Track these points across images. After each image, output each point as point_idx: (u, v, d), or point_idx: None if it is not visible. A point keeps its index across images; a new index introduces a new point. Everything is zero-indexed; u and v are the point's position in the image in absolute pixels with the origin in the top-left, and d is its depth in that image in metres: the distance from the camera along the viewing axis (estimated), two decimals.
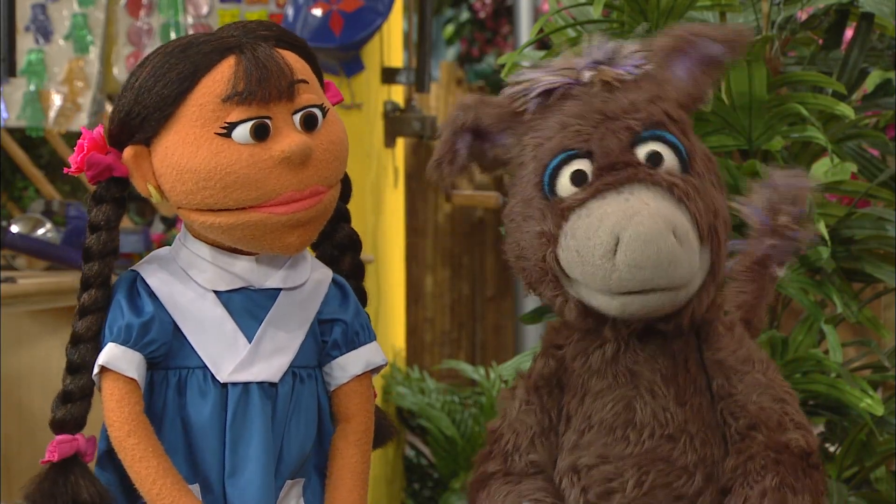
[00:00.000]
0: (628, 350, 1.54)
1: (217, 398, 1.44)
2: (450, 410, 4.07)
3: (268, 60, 1.41)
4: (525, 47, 2.17)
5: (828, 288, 2.03)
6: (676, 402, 1.52)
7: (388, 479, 4.01)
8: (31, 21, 3.79)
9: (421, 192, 6.01)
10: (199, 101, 1.40)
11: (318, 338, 1.51)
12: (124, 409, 1.41)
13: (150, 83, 1.41)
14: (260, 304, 1.47)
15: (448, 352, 6.06)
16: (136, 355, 1.42)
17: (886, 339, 2.31)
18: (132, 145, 1.43)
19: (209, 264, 1.46)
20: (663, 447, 1.51)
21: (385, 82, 3.93)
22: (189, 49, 1.42)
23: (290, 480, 1.49)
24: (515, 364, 2.28)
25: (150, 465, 1.40)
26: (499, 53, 6.47)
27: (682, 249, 1.44)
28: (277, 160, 1.39)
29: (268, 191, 1.40)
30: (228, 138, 1.39)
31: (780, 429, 1.48)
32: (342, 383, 1.52)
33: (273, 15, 3.70)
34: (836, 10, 2.17)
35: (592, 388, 1.55)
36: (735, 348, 1.54)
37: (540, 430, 1.58)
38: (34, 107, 3.79)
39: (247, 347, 1.45)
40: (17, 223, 3.46)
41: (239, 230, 1.41)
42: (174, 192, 1.42)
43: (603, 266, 1.44)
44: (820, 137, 1.96)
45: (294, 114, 1.42)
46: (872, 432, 2.08)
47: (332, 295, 1.52)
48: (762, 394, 1.51)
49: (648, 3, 1.96)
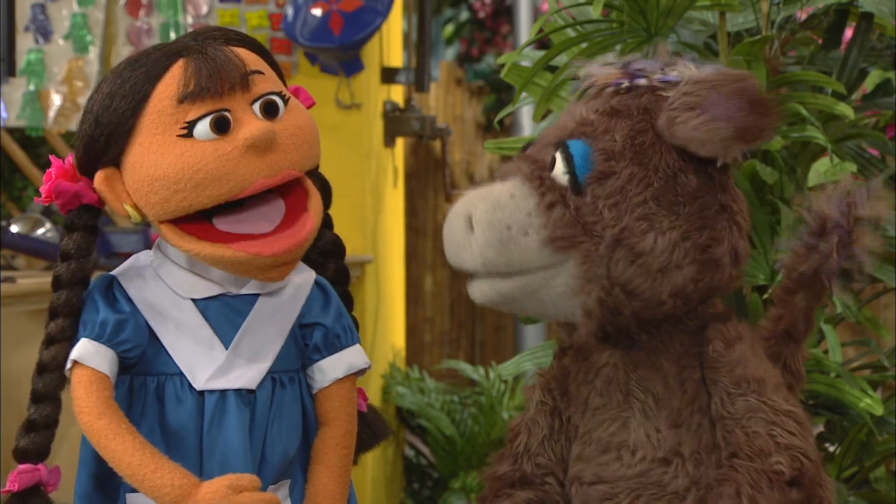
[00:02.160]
0: (621, 369, 1.54)
1: (193, 405, 1.44)
2: (449, 410, 4.07)
3: (216, 55, 1.41)
4: (525, 47, 2.17)
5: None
6: (669, 425, 1.52)
7: (388, 479, 4.01)
8: (31, 21, 3.80)
9: (421, 192, 6.01)
10: (157, 107, 1.40)
11: (300, 341, 1.50)
12: (92, 395, 1.40)
13: (106, 102, 1.41)
14: (237, 311, 1.46)
15: (448, 351, 6.06)
16: (109, 352, 1.42)
17: (886, 339, 2.31)
18: (102, 169, 1.43)
19: (186, 271, 1.46)
20: (655, 471, 1.51)
21: (385, 82, 3.93)
22: (138, 62, 1.42)
23: (273, 485, 1.48)
24: (515, 364, 2.29)
25: (125, 441, 1.38)
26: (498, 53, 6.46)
27: (465, 235, 1.47)
28: (242, 149, 1.39)
29: (239, 181, 1.39)
30: (191, 138, 1.39)
31: (761, 455, 1.47)
32: (323, 387, 1.51)
33: (273, 15, 3.70)
34: (835, 9, 2.17)
35: (591, 405, 1.56)
36: (732, 367, 1.52)
37: (550, 433, 1.59)
38: (34, 107, 3.79)
39: (224, 354, 1.45)
40: (16, 223, 3.46)
41: (222, 264, 1.41)
42: (150, 204, 1.41)
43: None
44: (820, 137, 1.96)
45: (253, 103, 1.42)
46: (872, 432, 2.08)
47: (314, 298, 1.51)
48: (752, 418, 1.49)
49: (648, 2, 1.96)
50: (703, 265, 1.49)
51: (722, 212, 1.52)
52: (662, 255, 1.47)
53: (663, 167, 1.50)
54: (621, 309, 1.48)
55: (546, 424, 1.60)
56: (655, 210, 1.48)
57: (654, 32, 2.00)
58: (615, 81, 1.55)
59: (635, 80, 1.54)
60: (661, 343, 1.54)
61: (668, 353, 1.54)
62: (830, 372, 2.02)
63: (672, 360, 1.54)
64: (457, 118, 6.24)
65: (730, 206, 1.52)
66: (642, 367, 1.53)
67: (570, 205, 1.48)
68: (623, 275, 1.47)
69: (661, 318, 1.52)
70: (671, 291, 1.49)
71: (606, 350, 1.55)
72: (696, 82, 1.49)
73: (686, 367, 1.54)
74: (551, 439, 1.59)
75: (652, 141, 1.50)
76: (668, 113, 1.49)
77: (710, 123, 1.47)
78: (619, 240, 1.47)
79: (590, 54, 2.00)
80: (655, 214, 1.48)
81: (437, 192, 6.01)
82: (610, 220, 1.47)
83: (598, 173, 1.49)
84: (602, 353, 1.55)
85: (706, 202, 1.50)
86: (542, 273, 1.49)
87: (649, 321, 1.51)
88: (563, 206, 1.48)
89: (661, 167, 1.49)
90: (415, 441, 4.25)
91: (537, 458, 1.59)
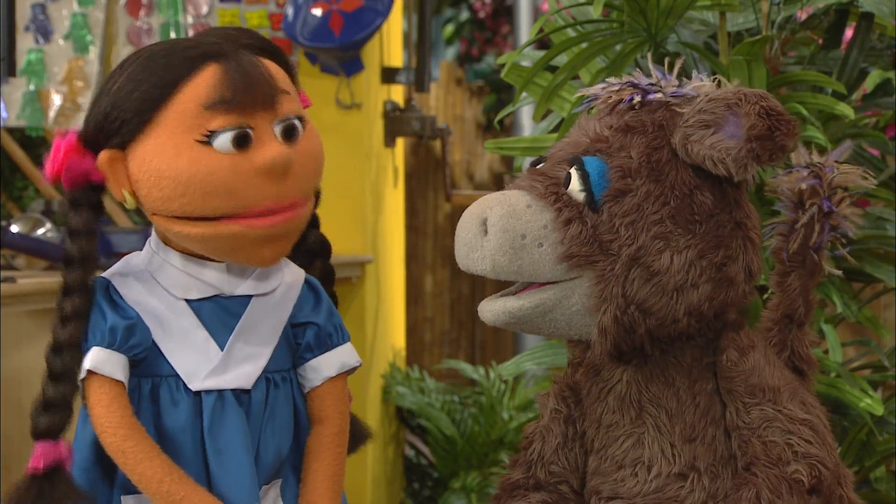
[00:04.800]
0: (633, 386, 1.54)
1: (190, 406, 1.44)
2: (449, 410, 4.07)
3: (252, 69, 1.40)
4: (525, 47, 2.17)
5: (828, 288, 2.03)
6: (683, 439, 1.51)
7: (388, 478, 4.00)
8: (31, 21, 3.79)
9: (421, 192, 6.01)
10: (180, 107, 1.38)
11: (292, 341, 1.50)
12: (114, 413, 1.40)
13: (128, 87, 1.40)
14: (231, 312, 1.46)
15: (448, 351, 6.06)
16: (122, 357, 1.42)
17: (886, 339, 2.32)
18: (107, 149, 1.41)
19: (180, 272, 1.45)
20: (672, 486, 1.51)
21: (385, 82, 3.93)
22: (170, 54, 1.41)
23: (266, 485, 1.48)
24: (515, 364, 2.29)
25: (153, 465, 1.39)
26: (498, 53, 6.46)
27: (478, 238, 1.47)
28: (259, 170, 1.38)
29: (247, 200, 1.39)
30: (209, 146, 1.38)
31: (779, 463, 1.47)
32: (316, 385, 1.51)
33: (273, 15, 3.69)
34: (835, 9, 2.17)
35: (605, 421, 1.56)
36: (746, 376, 1.52)
37: (563, 440, 1.59)
38: (34, 106, 3.79)
39: (219, 355, 1.45)
40: (16, 223, 3.46)
41: (214, 241, 1.41)
42: (150, 198, 1.40)
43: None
44: (820, 137, 1.96)
45: (275, 124, 1.41)
46: (872, 432, 2.08)
47: (305, 297, 1.51)
48: (768, 427, 1.49)
49: (648, 2, 1.96)
50: (719, 283, 1.49)
51: (737, 229, 1.51)
52: (678, 274, 1.47)
53: (679, 185, 1.49)
54: (636, 328, 1.48)
55: (560, 432, 1.59)
56: (672, 228, 1.47)
57: (655, 32, 2.00)
58: (628, 98, 1.54)
59: (648, 95, 1.54)
60: (672, 358, 1.53)
61: (679, 366, 1.53)
62: (831, 372, 2.02)
63: (683, 374, 1.53)
64: (457, 118, 6.24)
65: (744, 223, 1.52)
66: (654, 384, 1.53)
67: (588, 222, 1.47)
68: (638, 294, 1.46)
69: (675, 336, 1.51)
70: (686, 310, 1.48)
71: (618, 367, 1.54)
72: (712, 100, 1.48)
73: (698, 379, 1.53)
74: (565, 447, 1.59)
75: (668, 158, 1.49)
76: (684, 130, 1.48)
77: (725, 142, 1.46)
78: (635, 258, 1.46)
79: (590, 54, 2.01)
80: (672, 233, 1.47)
81: (437, 192, 6.01)
82: (626, 239, 1.46)
83: (615, 191, 1.48)
84: (614, 370, 1.55)
85: (721, 220, 1.50)
86: (555, 290, 1.48)
87: (663, 339, 1.51)
88: (580, 223, 1.47)
89: (677, 184, 1.48)
90: (415, 441, 4.25)
91: (551, 466, 1.59)
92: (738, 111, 1.45)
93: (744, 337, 1.54)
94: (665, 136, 1.50)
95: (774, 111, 1.46)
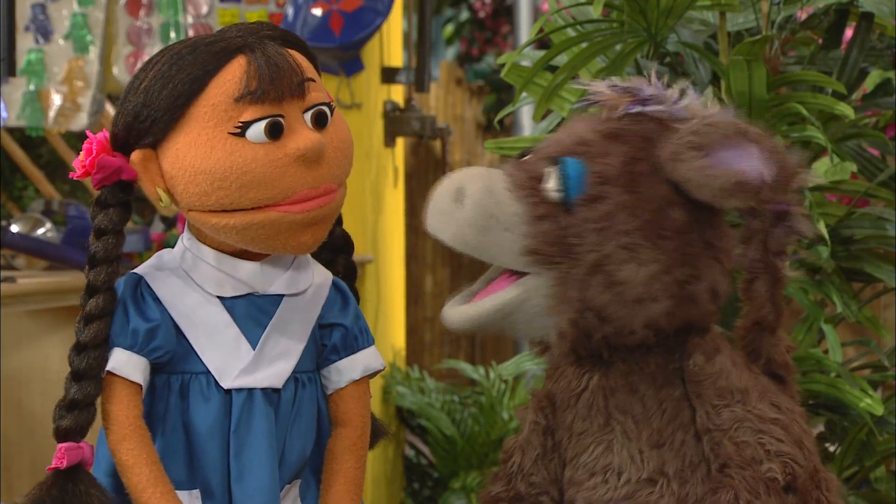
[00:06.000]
0: (599, 394, 1.54)
1: (220, 404, 1.44)
2: (449, 410, 4.07)
3: (279, 58, 1.40)
4: (525, 47, 2.17)
5: (827, 287, 2.03)
6: (651, 445, 1.52)
7: (388, 478, 4.01)
8: (31, 21, 3.80)
9: (421, 192, 6.01)
10: (211, 101, 1.39)
11: (318, 342, 1.50)
12: (121, 413, 1.41)
13: (157, 86, 1.40)
14: (263, 310, 1.47)
15: (448, 351, 6.06)
16: (142, 360, 1.42)
17: (886, 339, 2.31)
18: (140, 149, 1.42)
19: (214, 269, 1.45)
20: (641, 492, 1.51)
21: (385, 82, 3.93)
22: (196, 50, 1.41)
23: (288, 485, 1.48)
24: (515, 364, 2.29)
25: (141, 473, 1.39)
26: (498, 53, 6.46)
27: (452, 206, 1.47)
28: (293, 158, 1.39)
29: (284, 189, 1.39)
30: (243, 138, 1.38)
31: (753, 463, 1.47)
32: (340, 388, 1.51)
33: (273, 15, 3.70)
34: (835, 9, 2.17)
35: (576, 429, 1.56)
36: (714, 379, 1.51)
37: (543, 452, 1.59)
38: (34, 106, 3.79)
39: (251, 354, 1.45)
40: (16, 223, 3.46)
41: (253, 230, 1.41)
42: (186, 194, 1.40)
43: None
44: (820, 137, 1.96)
45: (305, 112, 1.42)
46: (872, 432, 2.08)
47: (333, 299, 1.52)
48: (739, 427, 1.49)
49: (648, 2, 1.96)
50: (680, 300, 1.49)
51: (706, 249, 1.50)
52: (640, 286, 1.46)
53: (655, 199, 1.48)
54: (593, 333, 1.48)
55: (539, 444, 1.59)
56: (640, 241, 1.47)
57: (655, 32, 2.00)
58: (627, 106, 1.54)
59: (646, 106, 1.53)
60: (635, 365, 1.53)
61: (642, 373, 1.53)
62: (830, 372, 2.02)
63: (647, 381, 1.53)
64: (457, 118, 6.24)
65: (714, 245, 1.51)
66: (619, 392, 1.53)
67: (558, 222, 1.47)
68: (597, 300, 1.46)
69: (632, 346, 1.51)
70: (645, 322, 1.48)
71: (585, 375, 1.55)
72: (709, 125, 1.48)
73: (664, 384, 1.53)
74: (545, 458, 1.59)
75: (648, 171, 1.49)
76: (674, 147, 1.48)
77: (711, 170, 1.46)
78: (598, 265, 1.46)
79: (590, 54, 2.01)
80: (639, 245, 1.47)
81: None
82: (593, 245, 1.46)
83: (590, 196, 1.47)
84: (581, 378, 1.55)
85: (691, 239, 1.49)
86: (516, 293, 1.48)
87: (620, 347, 1.51)
88: (550, 221, 1.47)
89: (652, 198, 1.48)
90: (415, 441, 4.25)
91: (531, 478, 1.59)
92: (732, 144, 1.46)
93: (709, 341, 1.54)
94: (649, 148, 1.50)
95: (769, 155, 1.47)
